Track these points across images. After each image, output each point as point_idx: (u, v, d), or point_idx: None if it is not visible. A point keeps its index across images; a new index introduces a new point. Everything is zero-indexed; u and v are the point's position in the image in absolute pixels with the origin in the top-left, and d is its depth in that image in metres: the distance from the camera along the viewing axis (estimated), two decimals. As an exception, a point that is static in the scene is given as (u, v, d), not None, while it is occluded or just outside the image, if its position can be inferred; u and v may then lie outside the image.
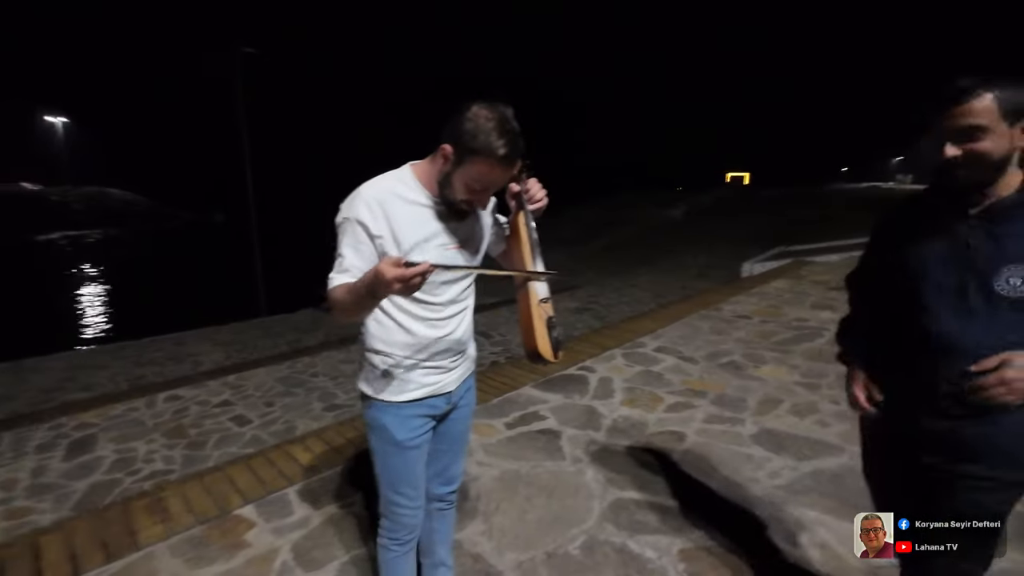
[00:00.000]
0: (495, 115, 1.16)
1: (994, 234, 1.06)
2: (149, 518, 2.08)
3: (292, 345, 7.69)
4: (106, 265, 23.39)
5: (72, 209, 38.43)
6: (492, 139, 1.14)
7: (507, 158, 1.17)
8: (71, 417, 4.17)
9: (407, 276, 0.99)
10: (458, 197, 1.23)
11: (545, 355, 1.26)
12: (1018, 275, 1.02)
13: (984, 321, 1.06)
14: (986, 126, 1.01)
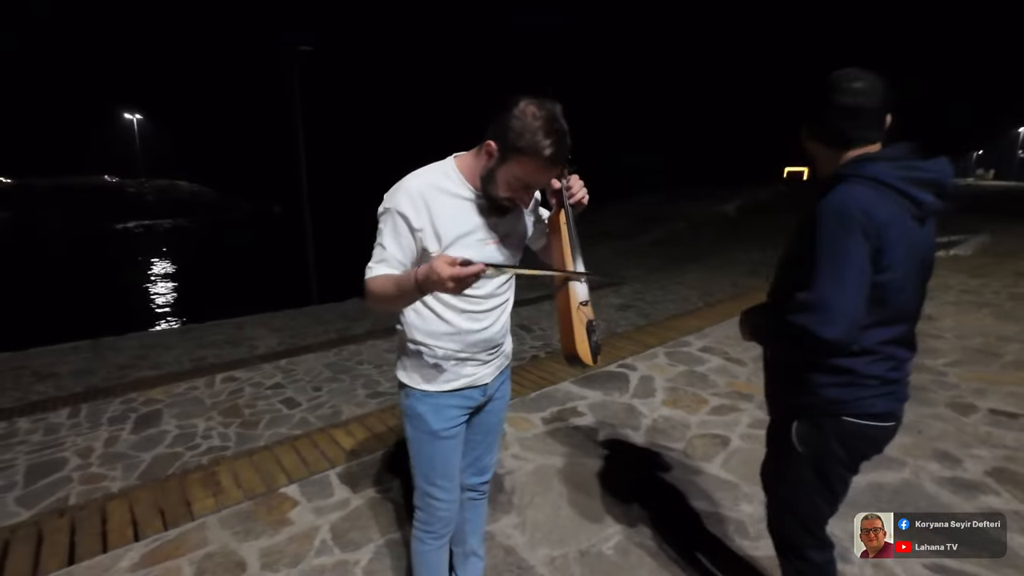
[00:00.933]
0: (543, 113, 1.12)
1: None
2: (203, 491, 2.21)
3: (340, 333, 7.96)
4: (175, 252, 25.08)
5: (146, 200, 41.45)
6: (539, 138, 1.11)
7: (553, 159, 1.14)
8: (140, 393, 4.49)
9: (463, 275, 0.98)
10: (500, 195, 1.21)
11: (584, 359, 1.24)
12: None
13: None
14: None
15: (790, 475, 1.35)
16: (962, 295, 5.59)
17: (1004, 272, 6.80)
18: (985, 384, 3.27)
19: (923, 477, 2.33)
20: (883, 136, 1.19)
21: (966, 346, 3.96)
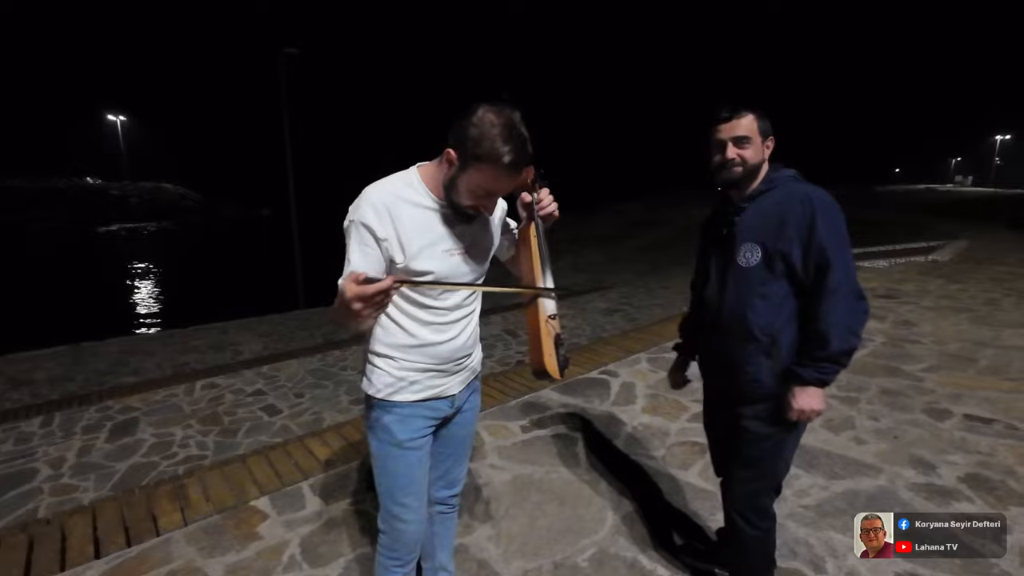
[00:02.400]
0: (501, 120, 1.10)
1: (739, 222, 1.46)
2: (170, 504, 2.16)
3: (327, 338, 7.89)
4: (160, 256, 24.76)
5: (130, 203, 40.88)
6: (497, 145, 1.09)
7: (513, 165, 1.12)
8: (117, 400, 4.41)
9: (366, 294, 0.92)
10: (464, 202, 1.20)
11: (552, 373, 1.23)
12: (749, 250, 1.42)
13: (733, 290, 1.46)
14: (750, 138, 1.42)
15: (783, 446, 1.51)
16: (940, 300, 5.66)
17: (981, 277, 6.91)
18: (961, 389, 3.30)
19: (898, 484, 2.34)
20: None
21: (943, 351, 4.00)
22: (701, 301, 1.59)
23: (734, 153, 1.41)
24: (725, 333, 1.48)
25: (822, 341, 1.37)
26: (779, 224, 1.37)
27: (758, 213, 1.42)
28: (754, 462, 1.52)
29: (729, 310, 1.46)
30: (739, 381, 1.48)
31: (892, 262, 8.12)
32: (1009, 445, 2.64)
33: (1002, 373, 3.57)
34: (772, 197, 1.42)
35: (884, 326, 4.71)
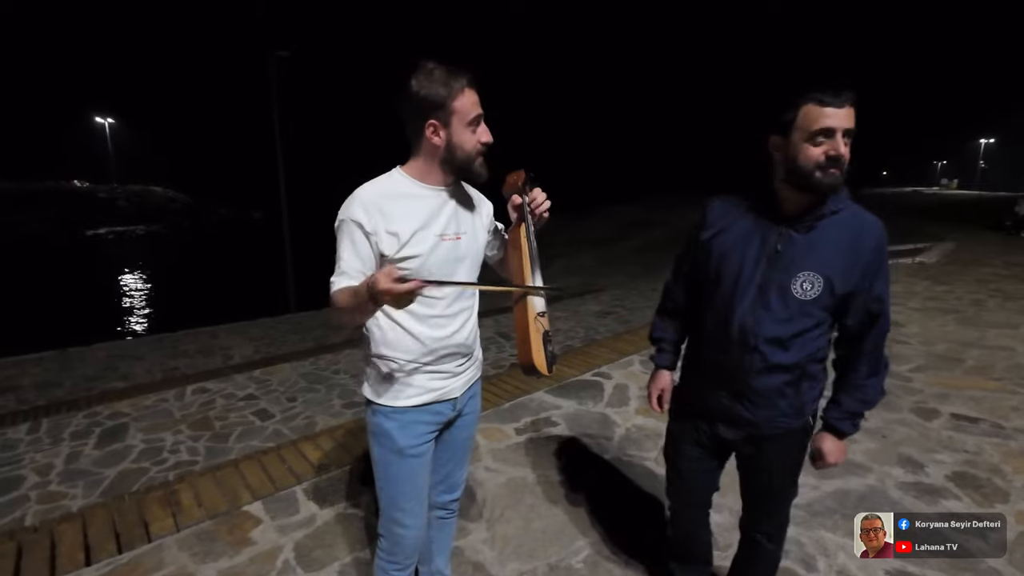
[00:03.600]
0: (430, 66, 1.18)
1: (798, 242, 1.21)
2: (162, 510, 2.14)
3: (318, 341, 7.85)
4: (149, 259, 24.50)
5: (118, 206, 40.42)
6: (448, 79, 1.17)
7: (469, 79, 1.20)
8: (106, 406, 4.35)
9: (397, 291, 0.99)
10: (473, 153, 1.24)
11: (540, 369, 1.24)
12: (809, 281, 1.20)
13: (776, 316, 1.23)
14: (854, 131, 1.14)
15: (798, 472, 1.43)
16: (927, 301, 5.75)
17: (967, 279, 7.02)
18: (948, 389, 3.36)
19: (887, 483, 2.38)
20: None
21: (930, 352, 4.07)
22: (718, 315, 1.32)
23: (847, 150, 1.13)
24: (752, 359, 1.27)
25: (865, 398, 1.31)
26: (851, 259, 1.20)
27: (827, 239, 1.20)
28: (778, 493, 1.44)
29: (765, 337, 1.25)
30: (761, 412, 1.32)
31: (880, 264, 8.22)
32: (995, 443, 2.69)
33: (987, 373, 3.63)
34: (843, 221, 1.21)
35: (873, 327, 4.77)
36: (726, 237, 1.31)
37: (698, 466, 1.50)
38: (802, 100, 1.13)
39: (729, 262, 1.29)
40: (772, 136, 1.21)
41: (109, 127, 49.48)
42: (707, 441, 1.43)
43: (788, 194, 1.22)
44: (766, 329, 1.24)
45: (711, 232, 1.34)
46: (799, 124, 1.14)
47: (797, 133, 1.14)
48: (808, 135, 1.12)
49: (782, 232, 1.22)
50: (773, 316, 1.23)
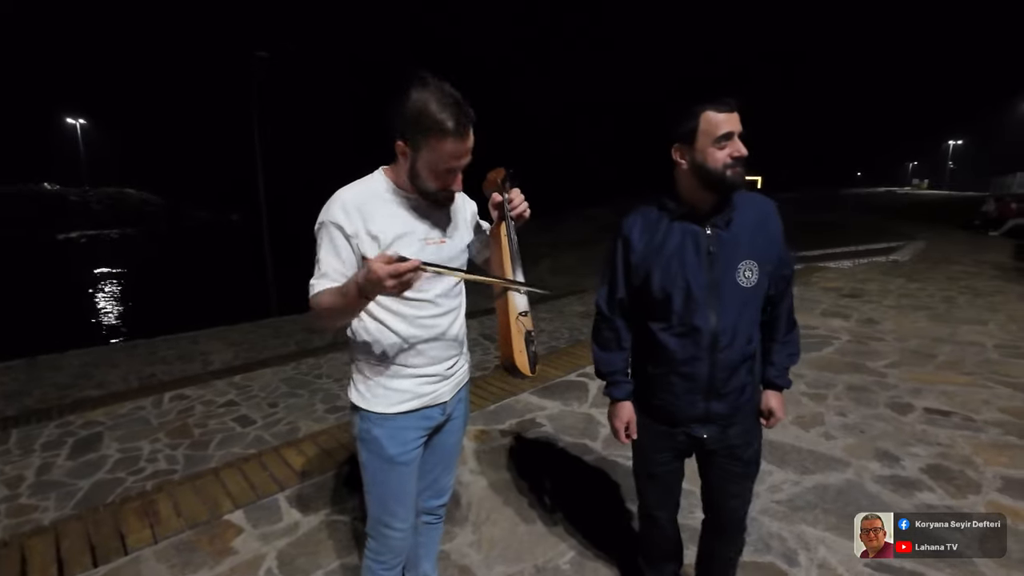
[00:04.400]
0: (430, 91, 1.13)
1: (725, 238, 1.28)
2: (139, 521, 2.08)
3: (301, 345, 7.74)
4: (123, 263, 23.89)
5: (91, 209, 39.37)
6: (437, 115, 1.11)
7: (458, 129, 1.14)
8: (79, 415, 4.23)
9: (400, 271, 0.97)
10: (431, 186, 1.21)
11: (522, 369, 1.23)
12: (748, 269, 1.29)
13: (734, 309, 1.30)
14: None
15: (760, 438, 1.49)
16: (901, 299, 5.91)
17: (939, 276, 7.24)
18: (921, 384, 3.45)
19: (865, 477, 2.43)
20: None
21: (904, 348, 4.18)
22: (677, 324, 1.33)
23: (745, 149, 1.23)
24: (720, 354, 1.31)
25: (794, 350, 1.44)
26: (767, 238, 1.32)
27: (744, 227, 1.29)
28: (747, 477, 1.47)
29: (732, 333, 1.30)
30: (733, 400, 1.37)
31: (856, 262, 8.43)
32: (966, 436, 2.78)
33: (958, 368, 3.75)
34: (749, 207, 1.32)
35: (849, 324, 4.89)
36: (661, 254, 1.32)
37: (672, 468, 1.51)
38: (703, 108, 1.22)
39: (674, 277, 1.30)
40: (677, 144, 1.28)
41: (80, 128, 48.17)
42: (682, 445, 1.44)
43: (700, 196, 1.28)
44: (731, 326, 1.30)
45: (640, 253, 1.35)
46: (703, 131, 1.22)
47: (701, 139, 1.22)
48: (713, 140, 1.21)
49: (708, 233, 1.29)
50: (731, 312, 1.29)
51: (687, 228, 1.30)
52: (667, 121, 1.29)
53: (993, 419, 2.96)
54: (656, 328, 1.36)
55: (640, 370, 1.46)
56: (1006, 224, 13.94)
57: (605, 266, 1.44)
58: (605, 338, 1.47)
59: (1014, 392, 3.32)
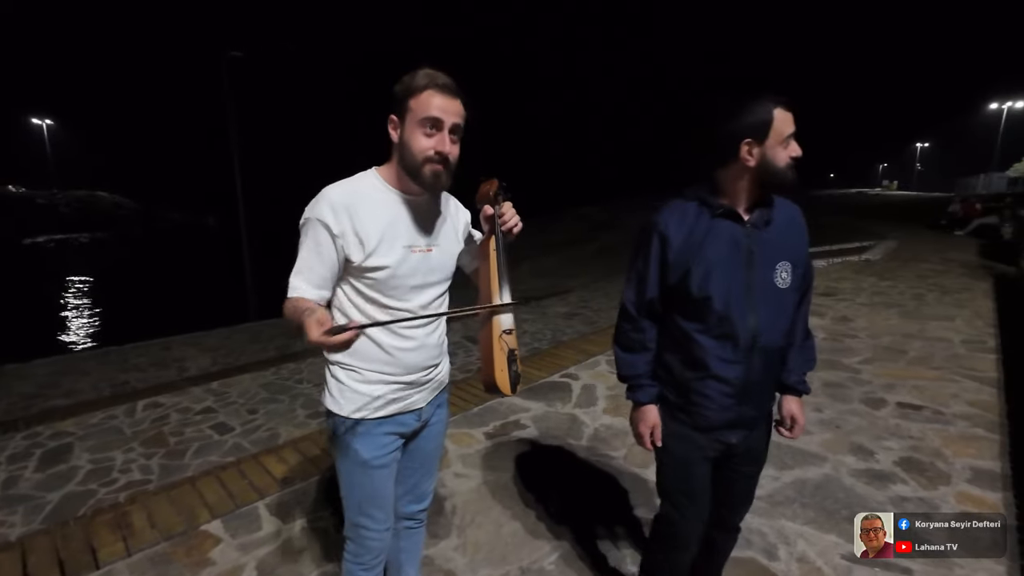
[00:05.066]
0: (419, 69, 1.18)
1: (764, 238, 1.26)
2: (111, 534, 2.02)
3: (280, 350, 7.60)
4: (94, 268, 23.15)
5: (60, 212, 38.11)
6: (421, 78, 1.16)
7: (442, 84, 1.16)
8: (47, 425, 4.08)
9: (330, 344, 0.97)
10: (419, 157, 1.17)
11: (502, 388, 1.22)
12: (785, 270, 1.27)
13: (772, 310, 1.28)
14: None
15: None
16: (874, 296, 6.07)
17: (909, 274, 7.46)
18: (894, 379, 3.55)
19: (841, 471, 2.49)
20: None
21: (877, 344, 4.29)
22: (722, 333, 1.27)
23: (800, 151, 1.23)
24: (760, 359, 1.28)
25: (811, 356, 1.42)
26: (799, 239, 1.32)
27: (779, 228, 1.28)
28: (754, 477, 1.48)
29: (767, 334, 1.27)
30: (767, 403, 1.39)
31: (830, 262, 8.64)
32: (936, 429, 2.86)
33: (928, 363, 3.87)
34: (781, 208, 1.31)
35: (824, 322, 5.00)
36: (701, 251, 1.25)
37: (707, 481, 1.44)
38: (774, 105, 1.18)
39: (715, 275, 1.24)
40: (745, 141, 1.20)
41: (47, 129, 46.59)
42: (713, 452, 1.38)
43: (748, 194, 1.25)
44: (768, 328, 1.27)
45: (678, 250, 1.28)
46: (775, 128, 1.18)
47: (772, 137, 1.18)
48: (782, 139, 1.19)
49: (748, 232, 1.25)
50: (769, 313, 1.26)
51: (729, 226, 1.25)
52: (737, 116, 1.21)
53: (961, 412, 3.06)
54: (692, 329, 1.29)
55: (669, 374, 1.38)
56: (971, 224, 14.46)
57: (634, 265, 1.37)
58: (631, 340, 1.41)
59: (980, 386, 3.44)
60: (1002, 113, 36.30)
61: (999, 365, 3.88)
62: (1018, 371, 3.77)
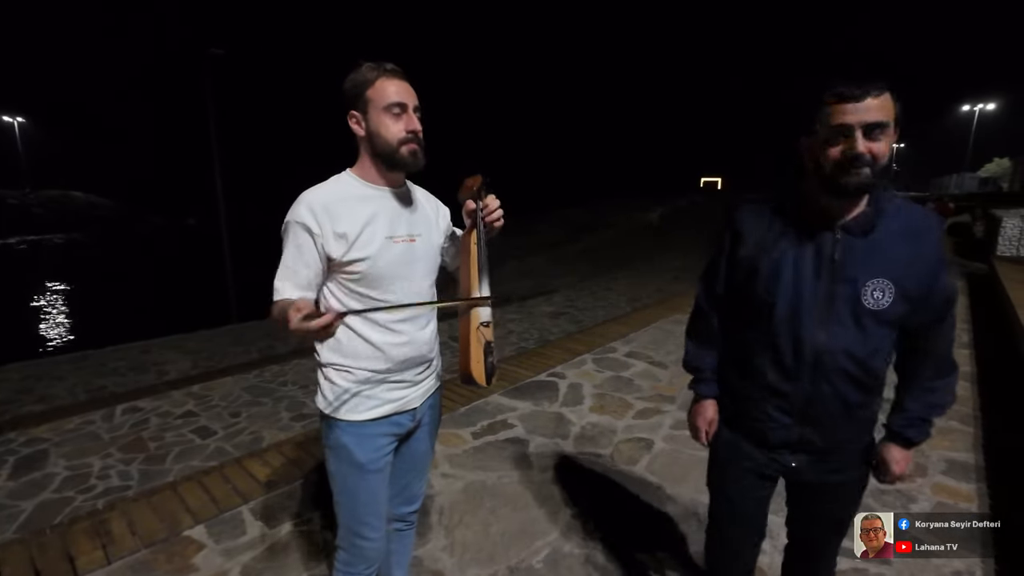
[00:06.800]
0: (360, 64, 1.22)
1: (858, 247, 1.08)
2: (90, 542, 1.97)
3: (263, 352, 7.50)
4: (68, 270, 22.54)
5: (32, 212, 37.04)
6: (368, 70, 1.20)
7: (391, 70, 1.21)
8: (21, 432, 3.96)
9: (309, 329, 0.95)
10: (394, 141, 1.21)
11: (478, 379, 1.22)
12: (880, 289, 1.07)
13: (850, 331, 1.10)
14: (888, 124, 1.01)
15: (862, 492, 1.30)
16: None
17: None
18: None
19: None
20: None
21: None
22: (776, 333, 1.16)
23: (866, 147, 1.00)
24: (824, 376, 1.14)
25: (933, 401, 1.18)
26: (917, 257, 1.08)
27: (887, 239, 1.08)
28: (843, 528, 1.30)
29: (838, 355, 1.11)
30: (833, 432, 1.19)
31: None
32: (913, 423, 2.93)
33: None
34: (896, 217, 1.09)
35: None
36: (772, 252, 1.15)
37: (757, 496, 1.34)
38: (825, 96, 1.03)
39: (783, 280, 1.13)
40: (802, 137, 1.10)
41: (18, 127, 45.25)
42: (767, 470, 1.28)
43: (827, 197, 1.08)
44: (842, 349, 1.11)
45: (749, 248, 1.18)
46: (821, 122, 1.04)
47: (821, 132, 1.05)
48: (828, 133, 1.03)
49: (838, 238, 1.09)
50: (846, 334, 1.10)
51: (810, 229, 1.11)
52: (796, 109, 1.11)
53: (937, 406, 3.14)
54: (753, 336, 1.20)
55: (726, 379, 1.33)
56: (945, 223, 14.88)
57: (710, 259, 1.33)
58: (700, 331, 1.37)
59: (955, 380, 3.53)
60: (974, 115, 37.37)
61: (973, 360, 3.99)
62: (991, 365, 3.89)
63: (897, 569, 1.85)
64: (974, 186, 35.16)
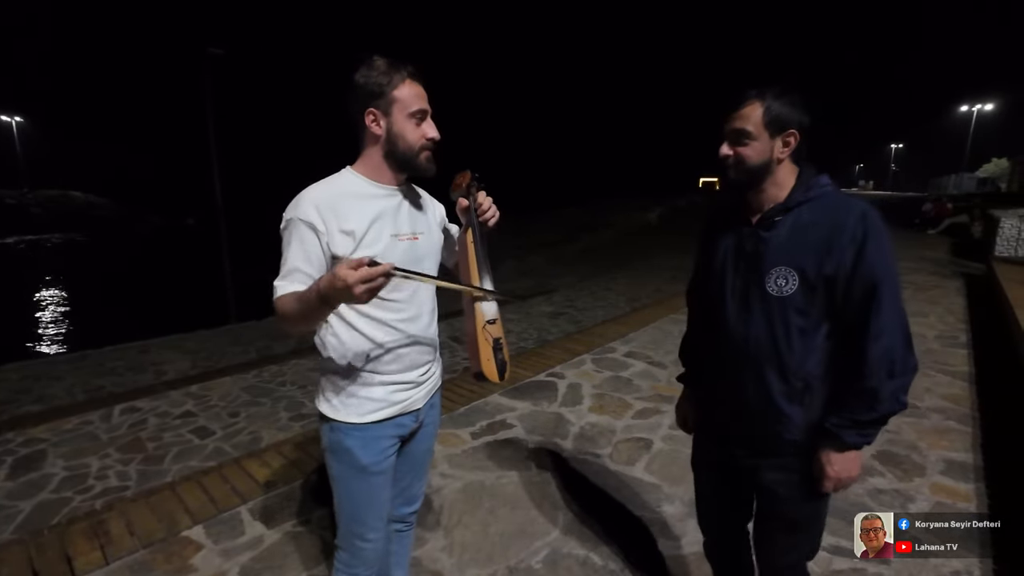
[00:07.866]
0: (371, 59, 1.18)
1: (768, 239, 1.16)
2: (88, 543, 1.96)
3: (261, 353, 7.49)
4: (67, 270, 22.51)
5: (30, 212, 36.95)
6: (390, 69, 1.17)
7: (414, 72, 1.20)
8: (19, 432, 3.95)
9: (370, 276, 0.92)
10: (416, 146, 1.21)
11: (490, 377, 1.22)
12: (783, 276, 1.13)
13: (761, 321, 1.16)
14: (750, 132, 1.13)
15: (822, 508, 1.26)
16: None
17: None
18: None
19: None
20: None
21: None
22: (712, 325, 1.25)
23: (727, 150, 1.16)
24: (747, 368, 1.18)
25: (871, 401, 1.09)
26: (824, 245, 1.09)
27: (794, 229, 1.13)
28: (794, 528, 1.26)
29: (756, 343, 1.16)
30: (761, 427, 1.20)
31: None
32: (911, 423, 2.94)
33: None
34: (811, 210, 1.13)
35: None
36: (711, 249, 1.27)
37: (717, 490, 1.39)
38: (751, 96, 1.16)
39: (715, 276, 1.23)
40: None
41: (16, 126, 45.14)
42: (719, 462, 1.32)
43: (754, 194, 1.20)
44: (757, 337, 1.16)
45: (703, 246, 1.30)
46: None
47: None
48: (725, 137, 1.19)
49: (750, 232, 1.19)
50: (760, 323, 1.15)
51: (735, 225, 1.22)
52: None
53: (935, 406, 3.15)
54: (700, 327, 1.32)
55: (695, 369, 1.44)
56: (943, 223, 14.90)
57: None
58: (687, 321, 1.48)
59: (952, 380, 3.54)
60: (972, 116, 37.43)
61: (970, 360, 4.00)
62: (988, 365, 3.90)
63: (896, 569, 1.85)
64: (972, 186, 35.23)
